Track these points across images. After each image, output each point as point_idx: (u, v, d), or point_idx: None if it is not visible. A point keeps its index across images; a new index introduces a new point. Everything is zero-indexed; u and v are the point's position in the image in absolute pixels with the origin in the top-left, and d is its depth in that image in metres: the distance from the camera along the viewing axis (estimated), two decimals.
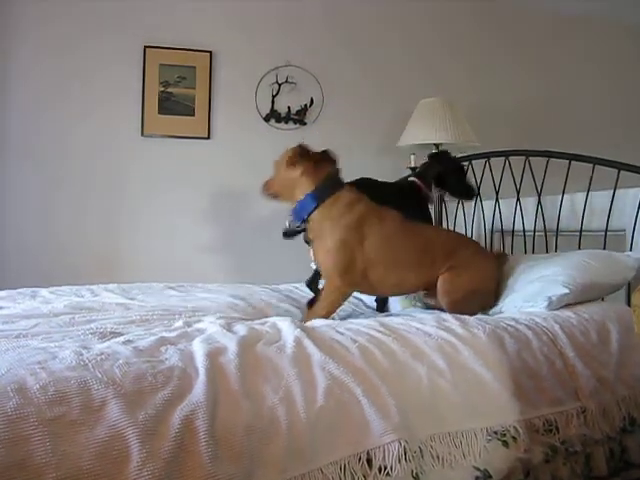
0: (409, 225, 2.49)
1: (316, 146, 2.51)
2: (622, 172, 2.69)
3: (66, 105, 4.00)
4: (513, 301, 2.40)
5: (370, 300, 2.88)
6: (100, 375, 1.34)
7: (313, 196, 2.39)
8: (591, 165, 2.82)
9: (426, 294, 2.58)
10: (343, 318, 2.42)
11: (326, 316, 2.32)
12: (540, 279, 2.40)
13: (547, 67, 5.03)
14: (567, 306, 2.27)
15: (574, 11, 4.90)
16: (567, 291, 2.26)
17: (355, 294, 2.74)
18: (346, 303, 2.59)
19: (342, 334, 1.79)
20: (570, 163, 2.91)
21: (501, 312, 2.38)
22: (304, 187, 2.41)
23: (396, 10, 4.65)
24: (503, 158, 3.39)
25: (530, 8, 4.90)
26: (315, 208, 2.38)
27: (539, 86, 4.96)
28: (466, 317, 2.04)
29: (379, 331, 1.82)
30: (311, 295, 2.70)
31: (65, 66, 3.99)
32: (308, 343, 1.69)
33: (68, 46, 3.98)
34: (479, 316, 2.11)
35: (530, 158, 3.17)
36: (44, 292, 2.74)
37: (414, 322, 1.95)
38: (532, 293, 2.34)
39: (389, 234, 2.40)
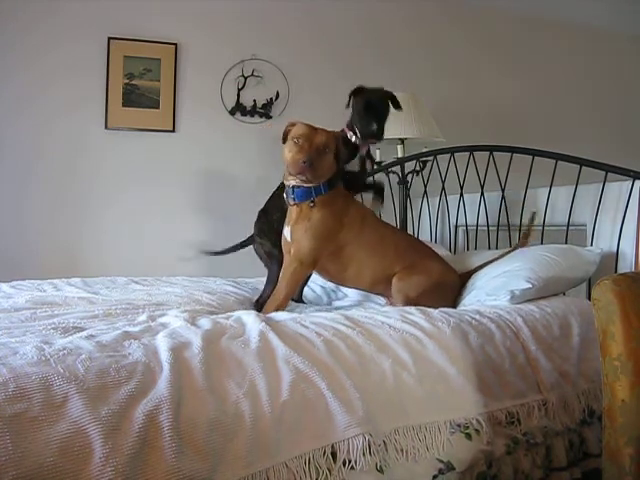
0: (376, 221, 2.57)
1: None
2: (583, 168, 2.73)
3: (29, 99, 3.92)
4: (477, 296, 2.42)
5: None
6: (62, 370, 1.33)
7: (328, 183, 2.41)
8: (553, 161, 2.86)
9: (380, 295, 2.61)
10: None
11: (285, 299, 2.36)
12: (503, 274, 2.42)
13: (515, 67, 5.07)
14: (530, 300, 2.29)
15: (543, 12, 4.95)
16: (529, 286, 2.28)
17: None
18: None
19: (307, 327, 1.79)
20: (533, 159, 2.95)
21: (464, 306, 2.39)
22: (330, 173, 2.41)
23: (364, 6, 4.65)
24: (468, 153, 3.42)
25: (500, 8, 4.93)
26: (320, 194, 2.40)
27: (507, 86, 5.00)
28: (430, 310, 2.05)
29: (344, 324, 1.83)
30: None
31: (26, 57, 3.91)
32: (272, 337, 1.68)
33: (30, 35, 3.90)
34: (443, 309, 2.12)
35: (495, 154, 3.20)
36: (5, 287, 2.70)
37: (379, 315, 1.96)
38: (495, 287, 2.36)
39: (362, 228, 2.44)
